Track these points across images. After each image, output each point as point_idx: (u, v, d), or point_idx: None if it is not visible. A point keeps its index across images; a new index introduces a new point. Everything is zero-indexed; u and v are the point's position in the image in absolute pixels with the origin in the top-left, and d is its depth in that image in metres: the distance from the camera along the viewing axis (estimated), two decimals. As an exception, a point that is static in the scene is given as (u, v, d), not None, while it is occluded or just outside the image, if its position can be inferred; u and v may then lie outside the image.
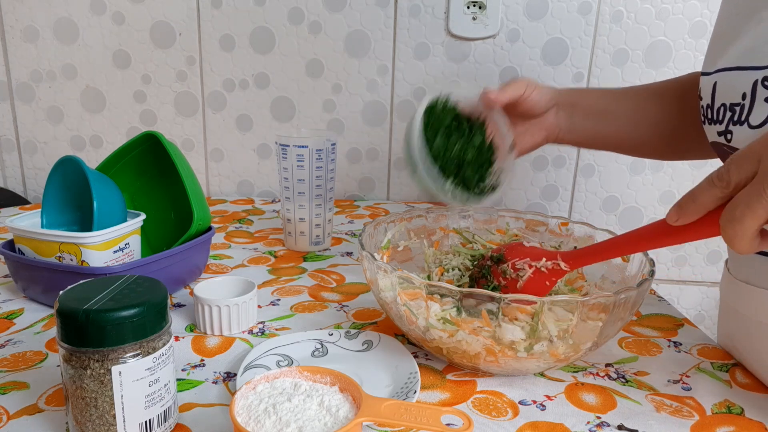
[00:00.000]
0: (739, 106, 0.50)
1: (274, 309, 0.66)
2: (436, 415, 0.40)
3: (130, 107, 1.16)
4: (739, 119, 0.50)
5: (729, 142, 0.52)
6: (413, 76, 1.13)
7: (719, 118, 0.53)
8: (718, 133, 0.54)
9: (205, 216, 0.71)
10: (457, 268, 0.65)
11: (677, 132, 0.72)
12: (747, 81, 0.49)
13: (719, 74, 0.54)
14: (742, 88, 0.50)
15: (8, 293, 0.69)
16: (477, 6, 1.08)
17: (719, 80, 0.54)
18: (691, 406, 0.50)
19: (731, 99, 0.51)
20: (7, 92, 1.15)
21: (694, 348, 0.60)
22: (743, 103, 0.50)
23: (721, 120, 0.53)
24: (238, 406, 0.40)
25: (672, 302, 0.75)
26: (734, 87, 0.51)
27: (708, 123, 0.56)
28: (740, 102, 0.50)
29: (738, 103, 0.50)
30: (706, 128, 0.57)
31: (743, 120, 0.50)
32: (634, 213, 1.18)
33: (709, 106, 0.55)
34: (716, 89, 0.54)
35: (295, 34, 1.11)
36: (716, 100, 0.54)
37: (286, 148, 0.81)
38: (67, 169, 0.65)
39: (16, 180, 1.20)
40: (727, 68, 0.53)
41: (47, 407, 0.47)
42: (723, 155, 0.55)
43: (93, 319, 0.38)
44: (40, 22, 1.11)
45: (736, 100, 0.50)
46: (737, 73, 0.51)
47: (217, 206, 1.11)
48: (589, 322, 0.48)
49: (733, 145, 0.52)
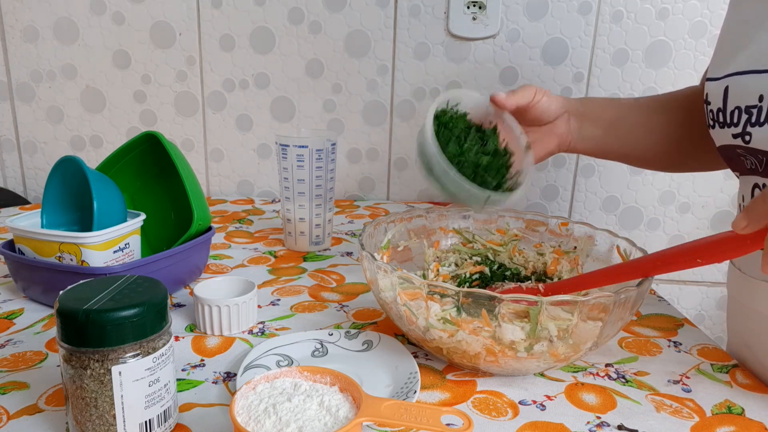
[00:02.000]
0: (756, 108, 0.51)
1: (274, 309, 0.66)
2: (436, 415, 0.40)
3: (130, 107, 1.16)
4: (758, 120, 0.50)
5: (748, 143, 0.52)
6: (413, 76, 1.13)
7: (734, 120, 0.53)
8: (734, 136, 0.54)
9: (205, 216, 0.71)
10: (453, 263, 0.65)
11: (683, 144, 0.72)
12: (763, 83, 0.50)
13: (730, 78, 0.54)
14: (758, 91, 0.50)
15: (8, 293, 0.69)
16: (477, 6, 1.08)
17: (731, 84, 0.54)
18: (690, 407, 0.50)
19: (746, 102, 0.52)
20: (7, 92, 1.15)
21: (694, 348, 0.60)
22: (760, 105, 0.50)
23: (736, 123, 0.53)
24: (238, 406, 0.40)
25: (672, 302, 0.75)
26: (749, 89, 0.51)
27: (719, 126, 0.56)
28: (757, 104, 0.50)
29: (754, 105, 0.51)
30: (715, 132, 0.57)
31: (762, 121, 0.50)
32: (634, 213, 1.18)
33: (720, 110, 0.55)
34: (728, 93, 0.54)
35: (295, 34, 1.11)
36: (729, 104, 0.54)
37: (286, 148, 0.81)
38: (67, 169, 0.65)
39: (16, 180, 1.20)
40: (739, 72, 0.53)
41: (47, 407, 0.47)
42: (735, 158, 0.55)
43: (93, 319, 0.38)
44: (40, 22, 1.11)
45: (752, 103, 0.51)
46: (752, 77, 0.51)
47: (217, 206, 1.11)
48: (589, 322, 0.48)
49: (753, 146, 0.52)
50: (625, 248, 0.59)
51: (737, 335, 0.61)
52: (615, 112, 0.73)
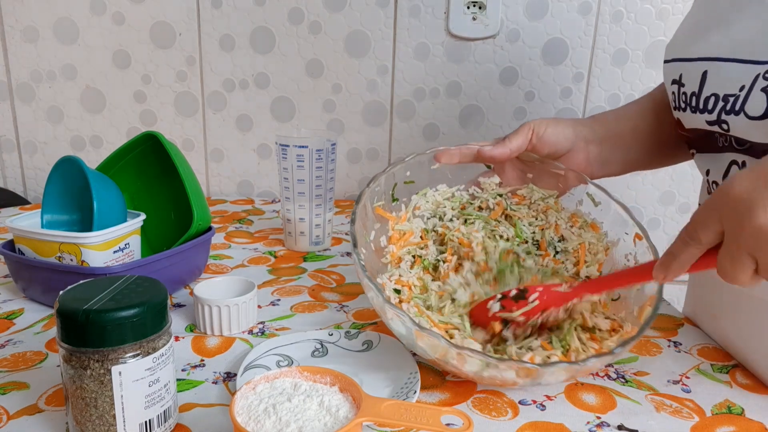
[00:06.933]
0: (733, 96, 0.50)
1: (274, 309, 0.66)
2: (436, 415, 0.40)
3: (130, 107, 1.16)
4: (733, 108, 0.50)
5: (727, 131, 0.51)
6: (413, 76, 1.12)
7: (707, 107, 0.53)
8: (709, 123, 0.53)
9: (205, 216, 0.71)
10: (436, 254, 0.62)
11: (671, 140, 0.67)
12: (748, 75, 0.49)
13: (710, 63, 0.53)
14: (741, 81, 0.49)
15: (8, 293, 0.69)
16: (477, 6, 1.08)
17: (711, 70, 0.52)
18: (690, 407, 0.50)
19: (726, 90, 0.51)
20: (7, 92, 1.15)
21: (694, 348, 0.60)
22: (738, 94, 0.49)
23: (710, 110, 0.52)
24: (238, 406, 0.40)
25: (672, 302, 0.75)
26: (731, 79, 0.50)
27: (692, 111, 0.55)
28: (736, 93, 0.50)
29: (733, 94, 0.50)
30: (686, 116, 0.56)
31: (738, 110, 0.49)
32: (635, 213, 1.17)
33: (695, 94, 0.54)
34: (707, 78, 0.53)
35: (295, 34, 1.11)
36: (705, 89, 0.53)
37: (286, 148, 0.81)
38: (67, 169, 0.65)
39: (16, 180, 1.20)
40: (721, 58, 0.52)
41: (47, 407, 0.47)
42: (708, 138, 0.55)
43: (93, 319, 0.38)
44: (40, 22, 1.11)
45: (731, 92, 0.50)
46: (736, 66, 0.50)
47: (217, 206, 1.11)
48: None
49: (733, 134, 0.51)
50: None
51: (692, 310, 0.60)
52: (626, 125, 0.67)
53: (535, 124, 0.63)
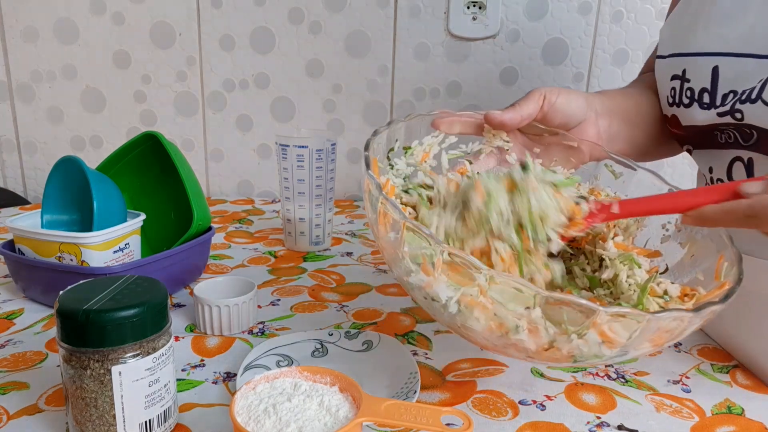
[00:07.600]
0: (750, 89, 0.48)
1: (274, 309, 0.66)
2: (436, 415, 0.40)
3: (130, 107, 1.16)
4: (749, 97, 0.48)
5: (741, 120, 0.49)
6: (413, 76, 1.13)
7: (724, 102, 0.50)
8: (720, 114, 0.51)
9: (205, 216, 0.71)
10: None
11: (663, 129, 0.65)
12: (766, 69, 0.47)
13: (720, 58, 0.50)
14: (759, 76, 0.48)
15: (8, 293, 0.69)
16: (477, 6, 1.08)
17: (723, 65, 0.50)
18: (690, 407, 0.50)
19: (745, 86, 0.49)
20: (7, 92, 1.15)
21: (694, 348, 0.60)
22: (756, 85, 0.48)
23: (725, 103, 0.51)
24: (238, 406, 0.40)
25: (672, 302, 0.75)
26: (749, 73, 0.48)
27: (700, 107, 0.52)
28: (755, 86, 0.48)
29: (751, 88, 0.48)
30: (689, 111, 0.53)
31: (755, 98, 0.47)
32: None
33: (706, 90, 0.52)
34: (719, 74, 0.50)
35: (295, 34, 1.11)
36: (721, 86, 0.51)
37: (286, 148, 0.81)
38: (67, 169, 0.65)
39: (16, 180, 1.20)
40: (733, 53, 0.50)
41: (47, 407, 0.47)
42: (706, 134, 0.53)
43: (93, 319, 0.38)
44: (40, 22, 1.11)
45: (749, 86, 0.48)
46: (752, 61, 0.48)
47: (217, 206, 1.11)
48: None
49: (747, 122, 0.49)
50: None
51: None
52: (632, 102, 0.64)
53: (546, 91, 0.56)
